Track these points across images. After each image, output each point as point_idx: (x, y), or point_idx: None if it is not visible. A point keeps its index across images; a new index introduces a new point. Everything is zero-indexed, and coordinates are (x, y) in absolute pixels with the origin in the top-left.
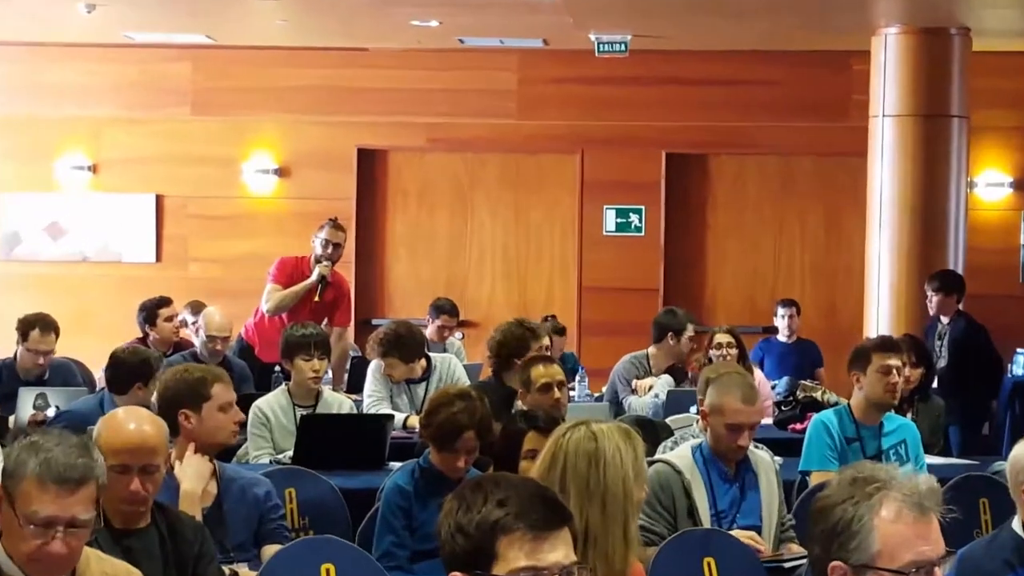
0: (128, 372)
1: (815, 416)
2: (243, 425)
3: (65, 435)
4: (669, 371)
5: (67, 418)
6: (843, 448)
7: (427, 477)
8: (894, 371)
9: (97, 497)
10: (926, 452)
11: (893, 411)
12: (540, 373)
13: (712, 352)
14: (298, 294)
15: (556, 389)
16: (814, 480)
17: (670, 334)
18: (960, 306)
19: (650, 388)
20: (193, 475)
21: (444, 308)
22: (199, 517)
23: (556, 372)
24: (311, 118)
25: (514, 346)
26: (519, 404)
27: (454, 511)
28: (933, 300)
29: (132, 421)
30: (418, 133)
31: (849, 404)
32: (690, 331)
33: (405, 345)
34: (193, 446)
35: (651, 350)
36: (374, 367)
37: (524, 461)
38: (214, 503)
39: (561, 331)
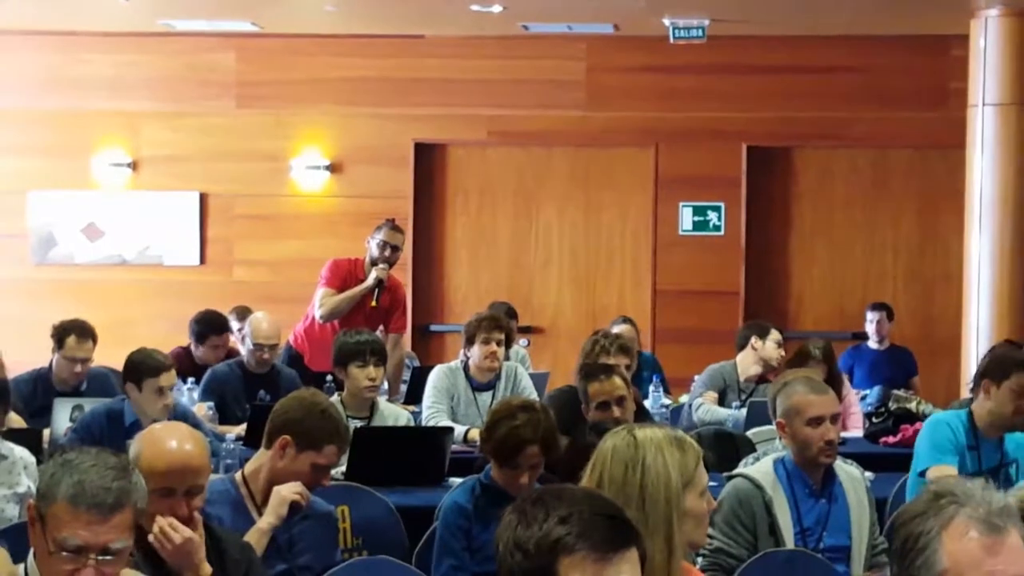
0: (126, 370)
1: (932, 415)
2: None
3: (103, 454)
4: (759, 382)
5: (81, 425)
6: (962, 451)
7: (488, 494)
8: None
9: (136, 522)
10: None
11: None
12: (596, 390)
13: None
14: (354, 298)
15: (615, 407)
16: (931, 475)
17: (753, 338)
18: None
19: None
20: (278, 514)
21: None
22: (259, 552)
23: (615, 387)
24: (364, 111)
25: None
26: None
27: (513, 525)
28: None
29: (173, 439)
30: (479, 126)
31: (971, 410)
32: (775, 335)
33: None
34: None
35: (738, 358)
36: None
37: None
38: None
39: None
